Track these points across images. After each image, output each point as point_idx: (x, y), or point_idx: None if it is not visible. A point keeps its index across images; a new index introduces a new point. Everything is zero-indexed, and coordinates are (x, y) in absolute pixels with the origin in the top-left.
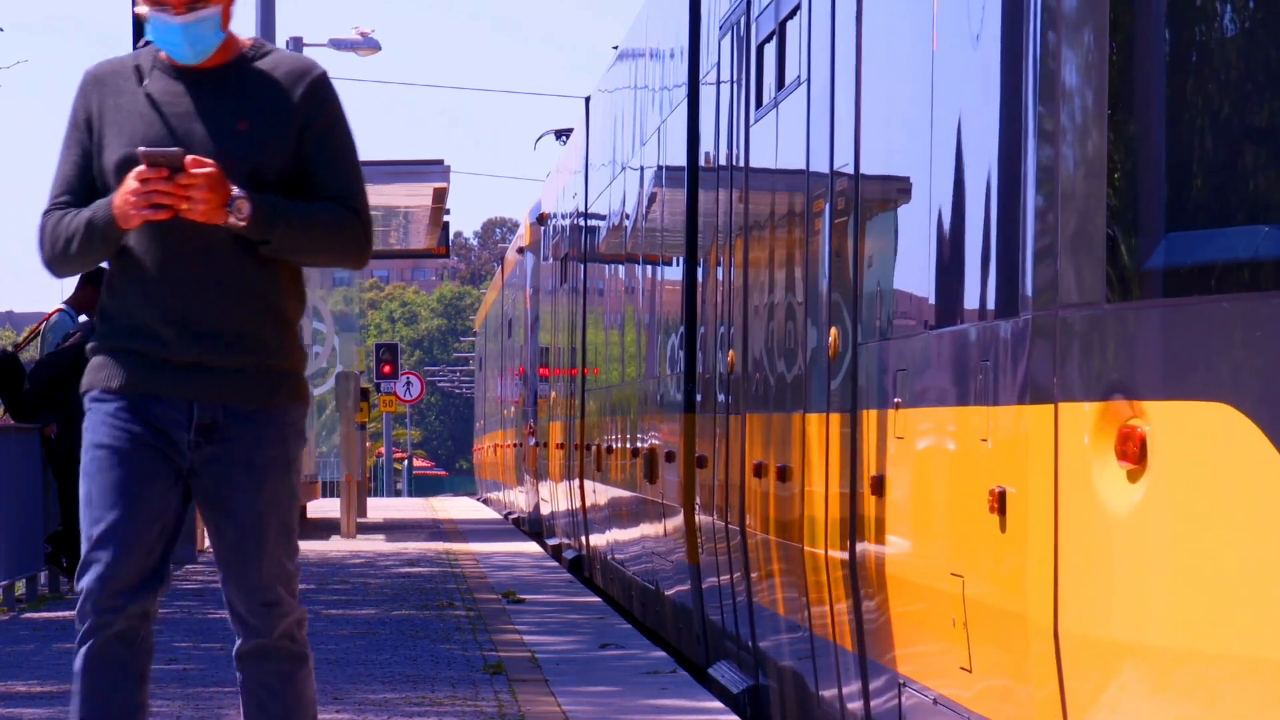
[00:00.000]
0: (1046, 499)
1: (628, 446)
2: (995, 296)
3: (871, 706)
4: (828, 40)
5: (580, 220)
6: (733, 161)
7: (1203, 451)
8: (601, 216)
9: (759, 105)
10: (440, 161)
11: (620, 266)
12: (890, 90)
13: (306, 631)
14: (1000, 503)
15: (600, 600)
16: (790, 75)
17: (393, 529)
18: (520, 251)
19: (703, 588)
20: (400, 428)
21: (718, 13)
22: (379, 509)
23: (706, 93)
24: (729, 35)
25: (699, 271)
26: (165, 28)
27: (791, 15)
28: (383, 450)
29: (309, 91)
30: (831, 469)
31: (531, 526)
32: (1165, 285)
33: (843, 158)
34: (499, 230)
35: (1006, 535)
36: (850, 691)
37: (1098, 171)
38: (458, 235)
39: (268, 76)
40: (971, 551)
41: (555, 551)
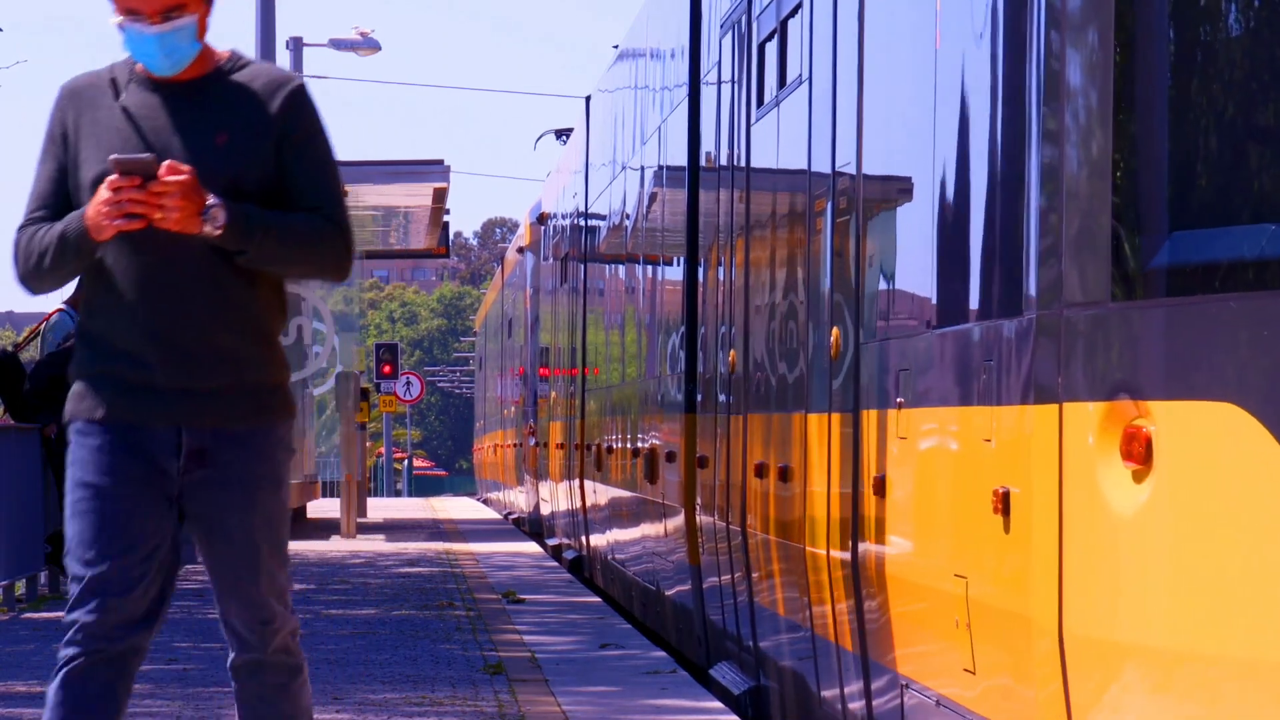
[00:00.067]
0: (1051, 499)
1: (628, 446)
2: (999, 296)
3: (873, 707)
4: (829, 39)
5: (580, 220)
6: (734, 161)
7: (1209, 451)
8: (602, 216)
9: (760, 104)
10: (440, 161)
11: (620, 266)
12: (893, 89)
13: (300, 639)
14: (1004, 503)
15: (600, 600)
16: (792, 74)
17: (393, 529)
18: (520, 251)
19: (703, 588)
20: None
21: (719, 11)
22: (379, 509)
23: (707, 92)
24: (730, 34)
25: (700, 271)
26: (140, 38)
27: (793, 14)
28: (383, 450)
29: (287, 103)
30: (833, 469)
31: (532, 527)
32: (1170, 284)
33: (844, 157)
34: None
35: (1010, 536)
36: (852, 692)
37: (1102, 170)
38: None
39: (246, 88)
40: (975, 552)
41: (555, 552)
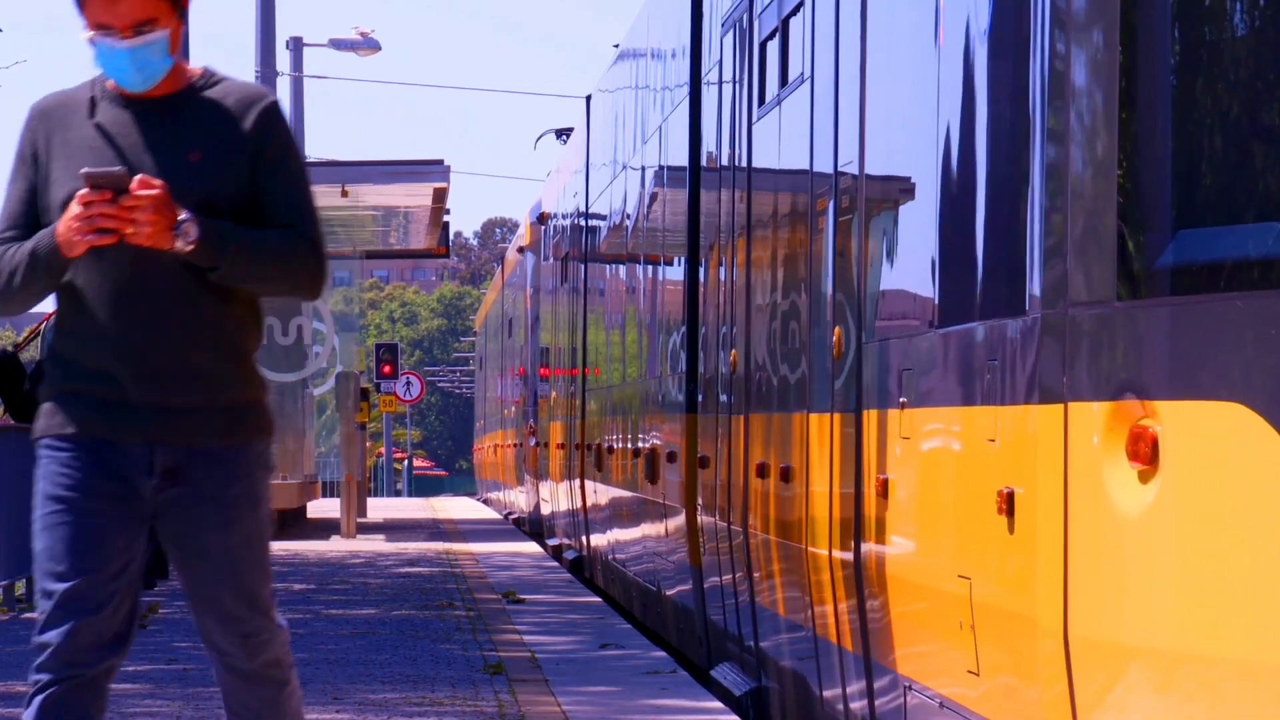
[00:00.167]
0: (1056, 500)
1: (629, 446)
2: (1003, 295)
3: (876, 708)
4: (831, 37)
5: (581, 220)
6: (735, 160)
7: (1215, 452)
8: (602, 216)
9: (761, 103)
10: (440, 161)
11: (621, 266)
12: (895, 87)
13: (295, 640)
14: (1008, 504)
15: (600, 600)
16: (793, 72)
17: (393, 529)
18: (520, 251)
19: (704, 588)
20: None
21: (720, 10)
22: (379, 509)
23: (708, 91)
24: (731, 32)
25: (701, 270)
26: (111, 53)
27: (794, 12)
28: (383, 450)
29: (260, 120)
30: (835, 469)
31: (532, 527)
32: (1177, 283)
33: (847, 155)
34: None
35: (1015, 536)
36: (854, 694)
37: (1107, 168)
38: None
39: (219, 105)
40: (979, 553)
41: (556, 552)
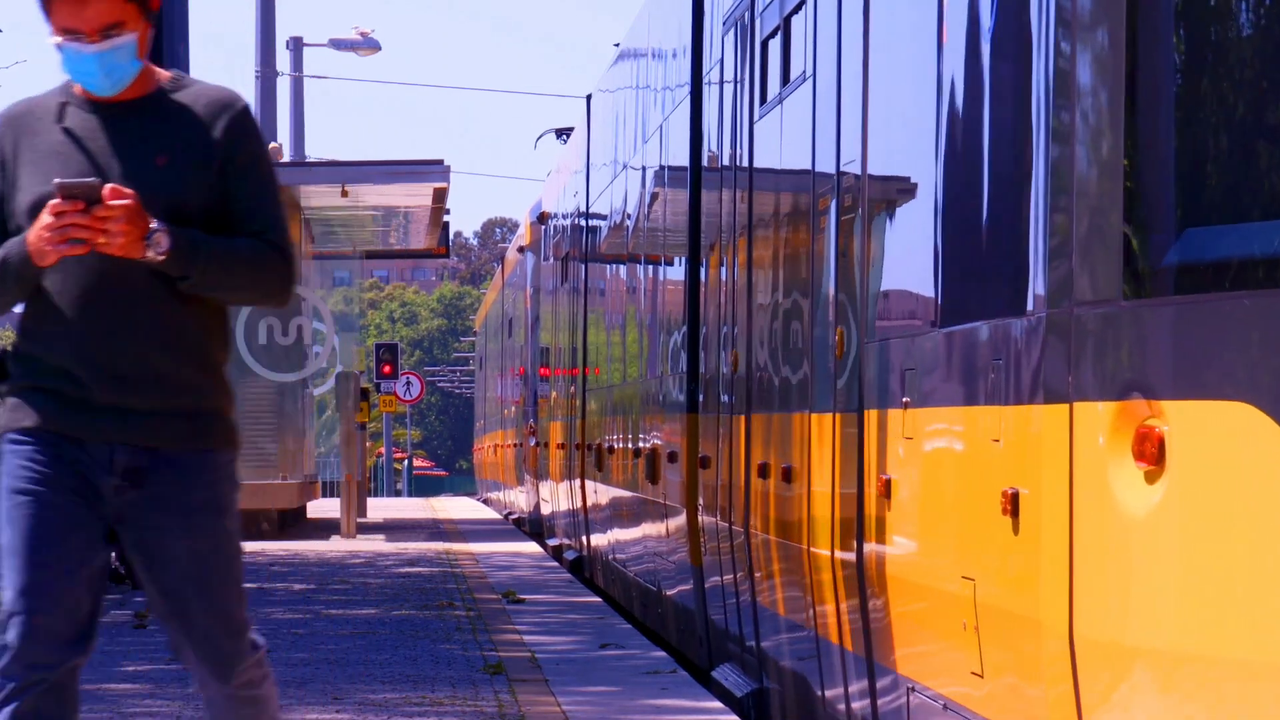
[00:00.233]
0: (1061, 500)
1: (629, 447)
2: (1007, 294)
3: (878, 709)
4: (833, 35)
5: (581, 219)
6: (736, 159)
7: (1223, 452)
8: (603, 215)
9: (763, 102)
10: (440, 161)
11: (622, 265)
12: (898, 86)
13: (266, 666)
14: (1013, 504)
15: (600, 600)
16: (795, 71)
17: (393, 529)
18: (521, 251)
19: (705, 589)
20: (400, 428)
21: (721, 8)
22: (379, 509)
23: (709, 90)
24: (732, 31)
25: (702, 270)
26: (79, 58)
27: (797, 10)
28: (383, 450)
29: (231, 125)
30: (837, 469)
31: (532, 527)
32: (1183, 282)
33: (849, 154)
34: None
35: (1020, 537)
36: (856, 695)
37: (1113, 165)
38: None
39: (188, 109)
40: (983, 554)
41: (556, 552)
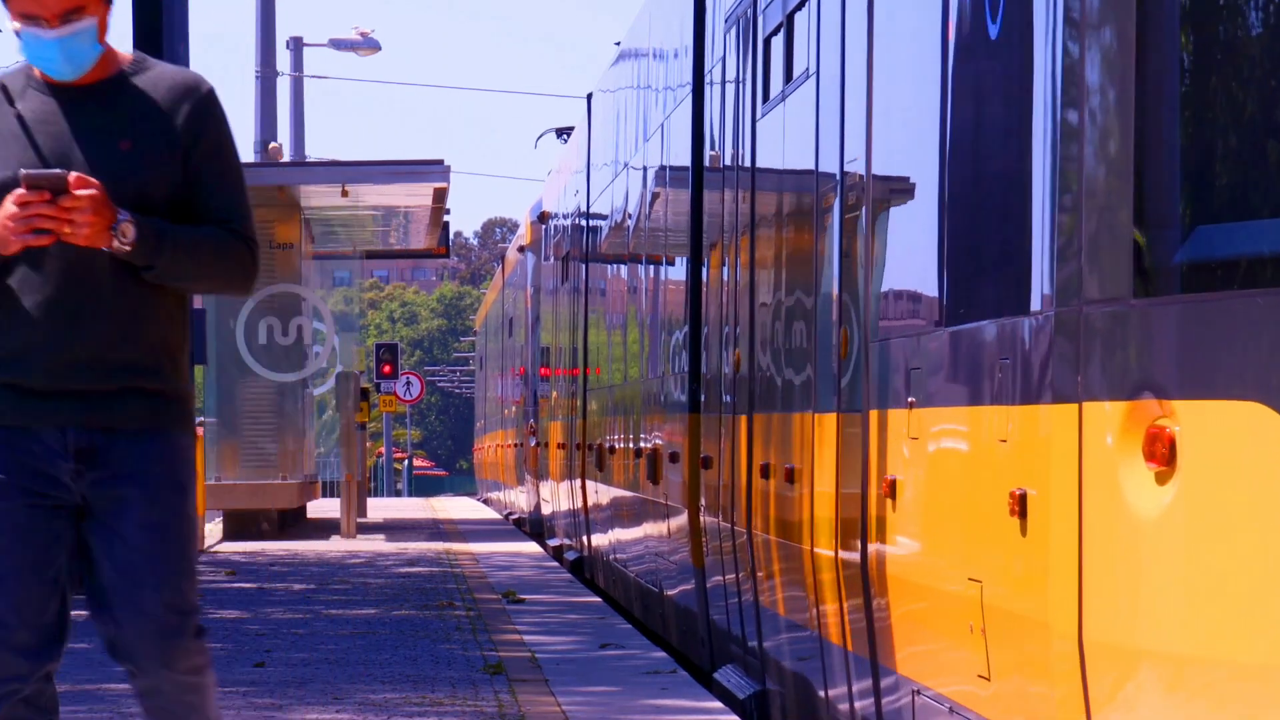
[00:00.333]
0: (1070, 502)
1: (630, 447)
2: (1014, 293)
3: (883, 712)
4: (837, 32)
5: (582, 219)
6: (738, 158)
7: (1235, 452)
8: (604, 215)
9: (766, 100)
10: (440, 161)
11: (623, 265)
12: (902, 83)
13: (210, 657)
14: (1021, 505)
15: (600, 600)
16: (798, 68)
17: (393, 529)
18: (521, 250)
19: (707, 590)
20: (400, 428)
21: (723, 6)
22: (379, 509)
23: (711, 88)
24: (734, 28)
25: (703, 269)
26: (38, 43)
27: (799, 7)
28: (383, 450)
29: (195, 109)
30: (841, 470)
31: (532, 527)
32: (1194, 280)
33: (853, 152)
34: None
35: (1028, 539)
36: (860, 696)
37: (1122, 163)
38: (458, 235)
39: (151, 93)
40: (990, 556)
41: (556, 552)
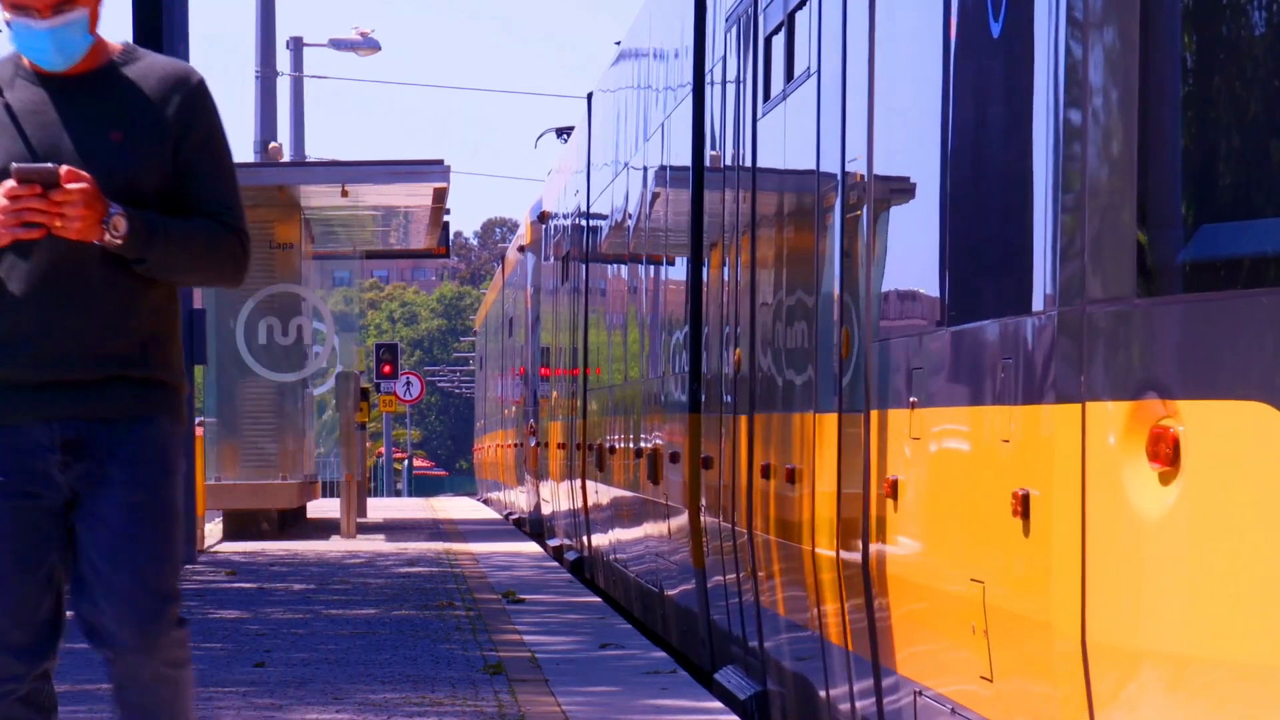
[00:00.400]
0: (1073, 502)
1: (630, 447)
2: (1017, 292)
3: (884, 712)
4: (838, 31)
5: (582, 219)
6: (739, 157)
7: (1239, 452)
8: (604, 215)
9: (766, 99)
10: (440, 161)
11: (623, 265)
12: (904, 82)
13: (188, 647)
14: (1023, 506)
15: (600, 600)
16: (799, 68)
17: (393, 529)
18: (521, 250)
19: (708, 590)
20: (400, 428)
21: (724, 5)
22: (379, 509)
23: (712, 87)
24: (735, 27)
25: (704, 269)
26: (29, 33)
27: (800, 6)
28: (383, 450)
29: (186, 99)
30: (843, 470)
31: (532, 527)
32: (1199, 279)
33: (854, 152)
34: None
35: (1030, 539)
36: (861, 697)
37: (1126, 162)
38: (458, 235)
39: (141, 83)
40: (992, 556)
41: (556, 552)
